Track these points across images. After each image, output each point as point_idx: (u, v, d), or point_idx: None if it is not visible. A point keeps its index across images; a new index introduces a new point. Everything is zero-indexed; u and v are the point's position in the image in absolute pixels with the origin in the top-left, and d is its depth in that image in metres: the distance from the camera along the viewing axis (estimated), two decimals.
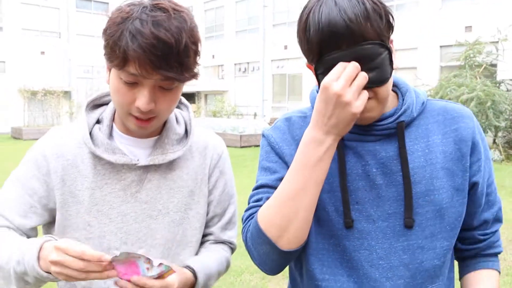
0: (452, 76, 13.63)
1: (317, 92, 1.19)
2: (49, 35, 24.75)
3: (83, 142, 1.20)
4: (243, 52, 25.77)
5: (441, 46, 16.86)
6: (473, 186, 1.14)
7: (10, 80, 23.52)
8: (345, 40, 0.96)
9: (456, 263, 1.27)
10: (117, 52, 1.04)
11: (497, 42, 13.82)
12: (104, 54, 1.10)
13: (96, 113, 1.26)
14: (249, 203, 1.21)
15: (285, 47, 23.39)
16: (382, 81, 1.00)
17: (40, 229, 1.28)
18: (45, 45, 24.27)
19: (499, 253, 1.23)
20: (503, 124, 12.45)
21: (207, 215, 1.36)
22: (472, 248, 1.22)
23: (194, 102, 28.85)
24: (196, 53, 1.11)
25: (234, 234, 1.43)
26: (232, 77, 26.76)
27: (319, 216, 1.11)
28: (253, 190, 1.23)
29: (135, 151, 1.23)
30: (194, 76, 1.12)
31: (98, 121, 1.25)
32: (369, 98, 1.00)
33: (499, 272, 1.22)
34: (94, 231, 1.20)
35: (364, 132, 1.10)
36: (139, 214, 1.22)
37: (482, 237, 1.20)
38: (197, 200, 1.30)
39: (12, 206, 1.18)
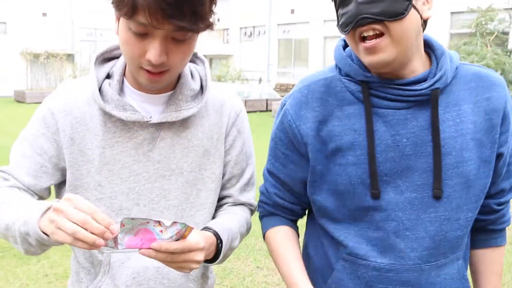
0: (462, 44, 13.40)
1: (343, 46, 1.17)
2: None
3: (93, 98, 1.14)
4: (249, 16, 25.36)
5: (452, 13, 16.53)
6: (498, 157, 1.12)
7: (11, 42, 23.23)
8: None
9: None
10: (126, 6, 0.96)
11: (511, 9, 13.52)
12: (112, 2, 1.01)
13: (106, 67, 1.19)
14: (264, 182, 1.27)
15: (292, 11, 22.99)
16: (392, 14, 0.96)
17: (53, 188, 1.24)
18: (47, 7, 23.85)
19: (507, 226, 1.25)
20: None
21: (224, 176, 1.29)
22: (485, 218, 1.22)
23: None
24: (212, 2, 1.04)
25: (253, 196, 1.36)
26: (237, 41, 26.44)
27: (344, 190, 1.10)
28: (265, 169, 1.26)
29: (148, 107, 1.17)
30: (210, 26, 1.04)
31: (108, 76, 1.18)
32: (381, 34, 0.98)
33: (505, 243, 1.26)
34: (105, 191, 1.15)
35: (396, 97, 1.06)
36: (152, 174, 1.17)
37: (496, 207, 1.20)
38: (213, 160, 1.24)
39: (22, 166, 1.15)
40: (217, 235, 1.13)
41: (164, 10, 0.94)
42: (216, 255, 1.14)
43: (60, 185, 1.22)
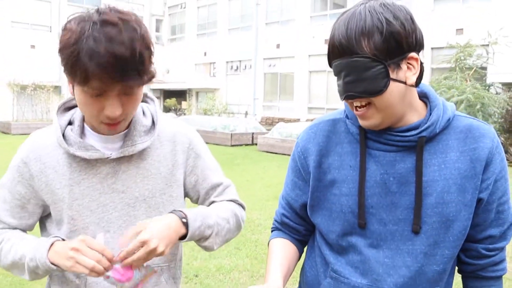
0: (443, 78, 13.72)
1: None
2: (40, 28, 24.53)
3: (58, 143, 1.29)
4: (235, 50, 25.75)
5: (432, 48, 16.97)
6: (478, 202, 1.21)
7: None
8: (339, 52, 1.13)
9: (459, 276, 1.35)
10: (77, 72, 1.12)
11: (488, 45, 13.93)
12: (64, 71, 1.17)
13: (68, 115, 1.34)
14: (279, 203, 1.46)
15: (278, 46, 23.41)
16: (372, 92, 1.12)
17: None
18: (36, 39, 24.04)
19: (502, 275, 1.28)
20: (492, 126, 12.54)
21: (200, 193, 1.47)
22: (474, 263, 1.28)
23: (185, 100, 28.77)
24: (150, 55, 1.19)
25: (233, 194, 1.53)
26: (223, 75, 26.74)
27: (336, 216, 1.27)
28: (283, 191, 1.44)
29: (107, 145, 1.32)
30: (152, 77, 1.22)
31: (70, 122, 1.34)
32: (367, 105, 1.15)
33: None
34: (77, 224, 1.30)
35: (388, 141, 1.20)
36: (118, 203, 1.32)
37: (485, 252, 1.26)
38: (170, 184, 1.39)
39: (5, 210, 1.34)
40: (177, 212, 1.28)
41: (113, 76, 1.11)
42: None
43: (43, 218, 1.38)
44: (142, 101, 1.43)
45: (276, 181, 9.39)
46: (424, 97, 1.25)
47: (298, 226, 1.41)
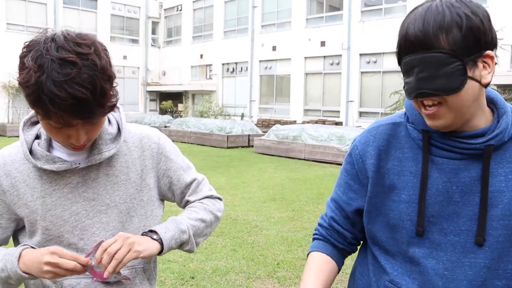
0: None
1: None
2: (36, 31, 24.20)
3: (25, 158, 1.31)
4: (231, 52, 25.78)
5: None
6: None
7: None
8: (415, 46, 1.07)
9: None
10: (39, 111, 1.14)
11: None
12: (30, 106, 1.17)
13: (34, 130, 1.35)
14: (328, 207, 1.41)
15: (274, 48, 23.44)
16: (448, 90, 1.06)
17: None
18: None
19: None
20: None
21: (175, 193, 1.50)
22: None
23: (181, 102, 28.78)
24: (112, 83, 1.19)
25: (206, 190, 1.54)
26: (220, 77, 26.76)
27: (394, 224, 1.21)
28: (329, 198, 1.40)
29: (75, 156, 1.33)
30: (116, 102, 1.23)
31: (38, 136, 1.35)
32: (438, 104, 1.10)
33: None
34: (52, 233, 1.32)
35: (452, 148, 1.15)
36: (90, 211, 1.34)
37: None
38: (140, 189, 1.41)
39: None
40: (146, 234, 1.32)
41: (75, 115, 1.13)
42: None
43: (15, 232, 1.40)
44: None
45: (272, 183, 9.39)
46: (490, 102, 1.20)
47: (346, 232, 1.36)
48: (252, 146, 15.87)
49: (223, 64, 26.59)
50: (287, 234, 5.85)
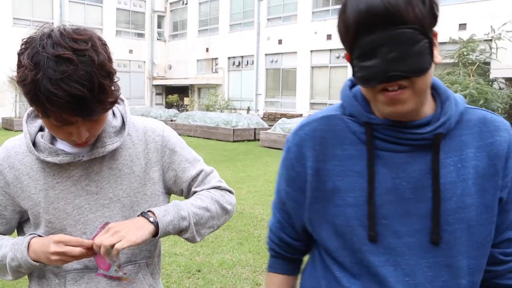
0: (446, 74, 13.70)
1: (350, 86, 1.17)
2: (42, 25, 24.49)
3: (28, 150, 1.31)
4: (237, 45, 25.73)
5: None
6: (499, 202, 1.08)
7: (1, 70, 23.26)
8: (382, 21, 0.92)
9: None
10: (37, 109, 1.13)
11: (491, 40, 13.89)
12: (29, 103, 1.16)
13: (38, 122, 1.35)
14: (272, 216, 1.32)
15: (280, 42, 23.37)
16: (420, 71, 0.95)
17: None
18: None
19: None
20: None
21: (181, 186, 1.46)
22: (490, 269, 1.14)
23: (187, 96, 28.78)
24: (111, 79, 1.17)
25: (215, 181, 1.50)
26: (226, 71, 26.73)
27: (343, 231, 1.10)
28: (274, 200, 1.30)
29: (79, 149, 1.32)
30: (117, 98, 1.21)
31: (42, 129, 1.34)
32: (404, 87, 0.97)
33: None
34: (55, 226, 1.31)
35: (399, 140, 1.05)
36: (93, 205, 1.33)
37: (502, 258, 1.13)
38: (143, 183, 1.39)
39: None
40: (144, 214, 1.29)
41: (74, 113, 1.12)
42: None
43: (21, 223, 1.40)
44: None
45: None
46: (431, 88, 1.09)
47: (297, 242, 1.27)
48: (258, 140, 15.86)
49: (229, 57, 26.54)
50: None
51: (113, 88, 1.18)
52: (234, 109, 25.00)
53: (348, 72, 20.70)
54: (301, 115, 20.92)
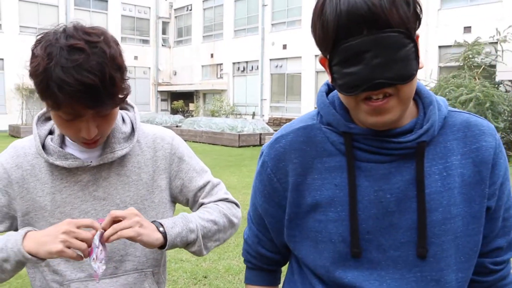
0: (451, 77, 13.66)
1: (326, 92, 1.10)
2: None
3: (37, 153, 1.31)
4: (242, 51, 25.76)
5: (439, 47, 16.88)
6: (486, 211, 1.03)
7: (8, 78, 23.45)
8: (366, 24, 0.86)
9: None
10: (48, 100, 1.13)
11: (496, 43, 13.84)
12: (40, 96, 1.16)
13: (48, 125, 1.36)
14: (247, 228, 1.28)
15: (284, 47, 23.38)
16: (407, 77, 0.89)
17: None
18: None
19: None
20: (501, 125, 12.47)
21: (187, 196, 1.45)
22: (482, 280, 1.11)
23: (192, 101, 28.84)
24: (122, 74, 1.18)
25: (222, 193, 1.49)
26: (230, 76, 26.76)
27: (324, 248, 1.04)
28: (248, 213, 1.26)
29: (87, 153, 1.32)
30: (126, 95, 1.22)
31: (51, 132, 1.35)
32: (389, 95, 0.91)
33: None
34: None
35: (380, 150, 0.99)
36: (99, 210, 1.32)
37: (492, 267, 1.09)
38: (151, 190, 1.38)
39: None
40: (156, 222, 1.26)
41: (83, 104, 1.11)
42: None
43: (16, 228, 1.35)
44: (122, 108, 1.44)
45: None
46: None
47: (275, 255, 1.23)
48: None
49: (233, 63, 26.58)
50: None
51: (123, 84, 1.18)
52: (239, 115, 25.01)
53: None
54: None
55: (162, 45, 30.74)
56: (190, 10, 29.44)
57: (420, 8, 0.92)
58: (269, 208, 1.14)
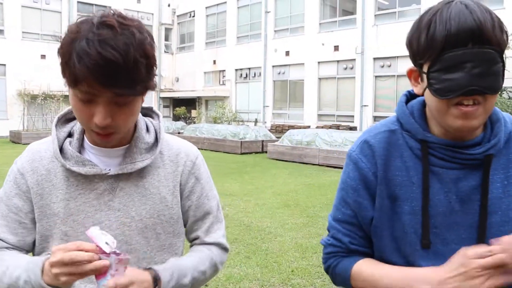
0: None
1: (406, 100, 1.25)
2: (50, 38, 24.69)
3: (54, 156, 1.26)
4: (244, 58, 25.79)
5: None
6: None
7: (10, 83, 23.50)
8: (472, 38, 1.01)
9: None
10: (67, 73, 1.09)
11: None
12: (61, 72, 1.13)
13: (68, 127, 1.31)
14: (329, 231, 1.32)
15: (287, 53, 23.40)
16: (496, 89, 1.04)
17: None
18: (46, 49, 24.24)
19: None
20: None
21: (188, 220, 1.40)
22: None
23: (194, 108, 28.84)
24: (149, 65, 1.12)
25: (220, 234, 1.45)
26: (233, 83, 26.78)
27: (398, 236, 1.19)
28: (332, 219, 1.31)
29: (106, 160, 1.27)
30: (149, 88, 1.15)
31: (70, 135, 1.30)
32: (478, 103, 1.05)
33: None
34: (71, 240, 1.21)
35: (452, 159, 1.14)
36: (113, 221, 1.26)
37: None
38: (170, 206, 1.33)
39: (2, 225, 1.27)
40: (155, 275, 1.18)
41: (101, 81, 1.06)
42: None
43: None
44: (148, 116, 1.40)
45: (286, 189, 9.31)
46: None
47: (369, 249, 1.29)
48: (266, 152, 15.80)
49: (236, 69, 26.61)
50: (301, 240, 5.76)
51: (147, 73, 1.12)
52: (241, 121, 24.99)
53: (355, 83, 20.67)
54: (308, 127, 20.86)
55: (165, 52, 30.80)
56: (193, 16, 29.53)
57: (507, 36, 1.08)
58: (363, 201, 1.24)
